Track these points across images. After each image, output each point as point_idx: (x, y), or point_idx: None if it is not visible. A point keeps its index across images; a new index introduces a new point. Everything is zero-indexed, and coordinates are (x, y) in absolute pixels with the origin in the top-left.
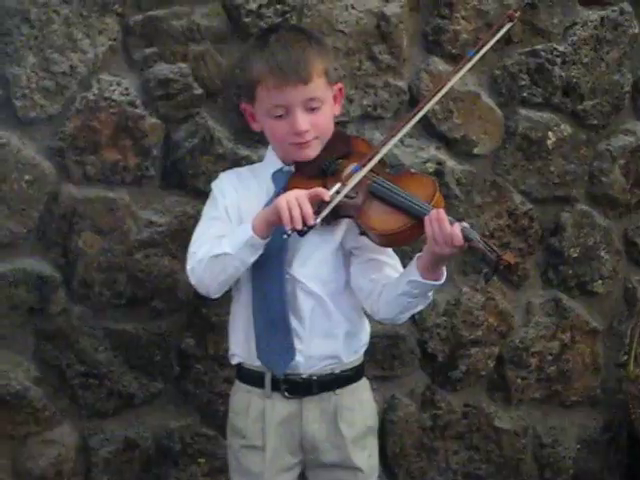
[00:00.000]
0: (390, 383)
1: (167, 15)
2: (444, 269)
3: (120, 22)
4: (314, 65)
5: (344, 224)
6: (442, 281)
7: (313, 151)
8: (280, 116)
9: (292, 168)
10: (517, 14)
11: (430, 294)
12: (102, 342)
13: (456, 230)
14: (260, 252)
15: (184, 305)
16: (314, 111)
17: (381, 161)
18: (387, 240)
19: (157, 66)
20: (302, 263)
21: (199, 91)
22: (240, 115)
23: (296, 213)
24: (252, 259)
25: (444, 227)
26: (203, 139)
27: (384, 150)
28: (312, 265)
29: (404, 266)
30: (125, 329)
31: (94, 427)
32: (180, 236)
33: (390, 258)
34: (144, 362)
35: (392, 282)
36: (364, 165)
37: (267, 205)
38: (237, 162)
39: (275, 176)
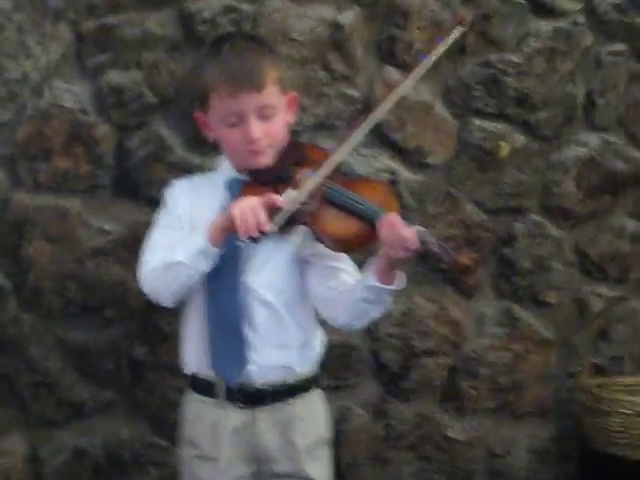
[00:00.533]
0: (343, 393)
1: (120, 22)
2: (403, 274)
3: (73, 29)
4: (268, 73)
5: (299, 232)
6: (400, 286)
7: (267, 159)
8: (233, 124)
9: (246, 177)
10: (468, 18)
11: (389, 299)
12: (52, 351)
13: (411, 232)
14: (214, 261)
15: (135, 313)
16: (267, 119)
17: (336, 169)
18: (342, 245)
19: (110, 74)
20: (257, 271)
21: (152, 99)
22: (193, 123)
23: (250, 220)
24: (206, 268)
25: (398, 230)
26: (156, 147)
27: (338, 156)
28: (267, 273)
29: None
30: (76, 338)
31: (44, 437)
32: (132, 244)
33: (347, 265)
34: (95, 371)
35: (349, 288)
36: (318, 171)
37: (220, 212)
38: (190, 170)
39: (229, 184)
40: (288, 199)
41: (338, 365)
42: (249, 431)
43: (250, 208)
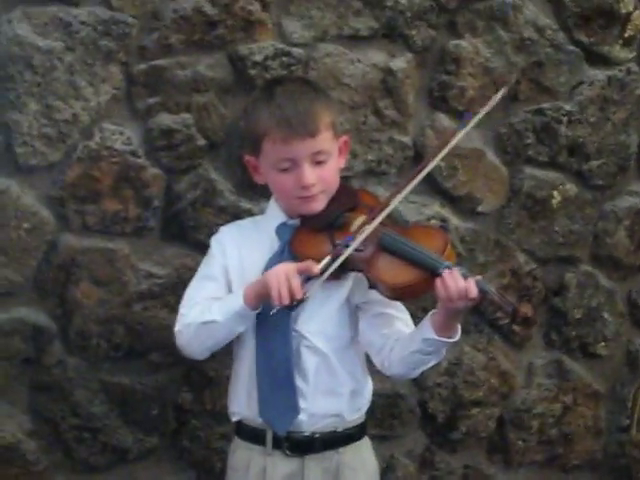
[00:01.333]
0: (389, 443)
1: (171, 65)
2: (458, 326)
3: (124, 71)
4: (321, 118)
5: (350, 279)
6: (457, 338)
7: (319, 205)
8: (286, 169)
9: (297, 222)
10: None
11: (444, 350)
12: (97, 395)
13: (470, 283)
14: (251, 322)
15: (182, 359)
16: (320, 164)
17: (388, 216)
18: (398, 293)
19: (160, 116)
20: (308, 318)
21: (202, 142)
22: (243, 167)
23: (283, 290)
24: (241, 328)
25: (458, 283)
26: (205, 191)
27: (392, 204)
28: (318, 321)
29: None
30: (121, 382)
31: None
32: (179, 289)
33: (400, 312)
34: (140, 416)
35: (404, 338)
36: (371, 219)
37: (272, 260)
38: (239, 215)
39: (279, 230)
40: (324, 264)
41: (385, 414)
42: (298, 479)
43: (285, 276)
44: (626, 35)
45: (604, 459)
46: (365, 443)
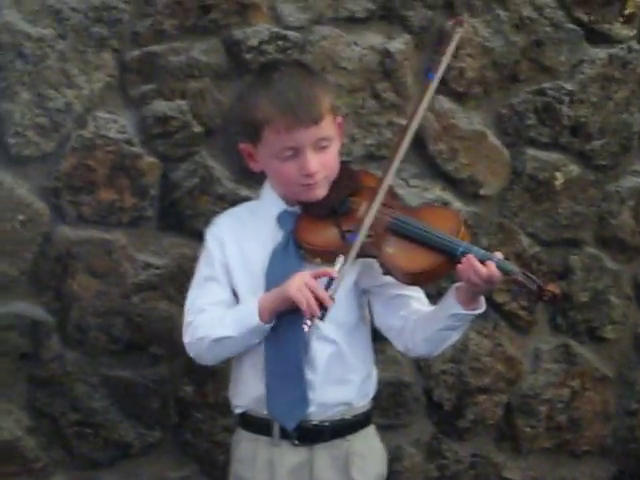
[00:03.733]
0: (395, 432)
1: (165, 51)
2: (482, 298)
3: (117, 58)
4: (323, 103)
5: (358, 263)
6: (484, 309)
7: (322, 191)
8: (288, 157)
9: (298, 209)
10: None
11: (468, 324)
12: (97, 389)
13: (492, 269)
14: (266, 334)
15: (183, 351)
16: (323, 150)
17: (398, 199)
18: (416, 279)
19: (155, 103)
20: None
21: (198, 129)
22: (241, 154)
23: (312, 302)
24: (257, 341)
25: (479, 272)
26: (202, 179)
27: (384, 185)
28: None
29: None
30: (121, 376)
31: (89, 478)
32: (178, 279)
33: (415, 292)
34: (141, 410)
35: (426, 317)
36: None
37: (277, 252)
38: (238, 203)
39: (281, 218)
40: (340, 266)
41: (390, 403)
42: (307, 469)
43: (307, 287)
44: (626, 12)
45: (614, 444)
46: (372, 430)
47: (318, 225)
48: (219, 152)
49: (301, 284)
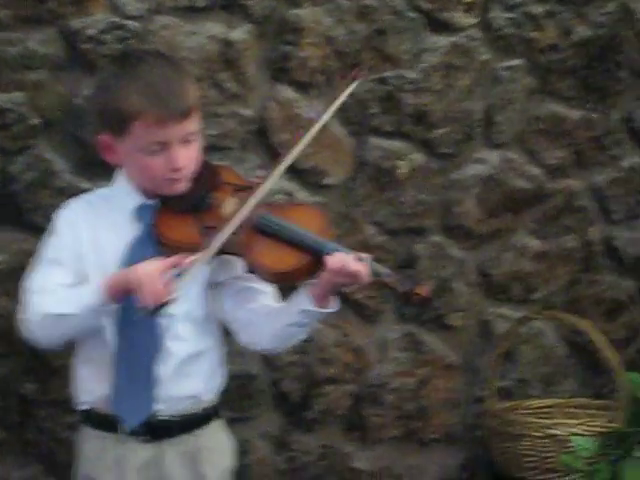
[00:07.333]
0: (243, 425)
1: (1, 41)
2: (336, 297)
3: None
4: (192, 97)
5: (215, 259)
6: (336, 308)
7: (183, 185)
8: (155, 151)
9: (156, 202)
10: (362, 73)
11: (317, 322)
12: None
13: (363, 267)
14: (110, 313)
15: (23, 348)
16: (189, 144)
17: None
18: (281, 278)
19: None
20: (176, 303)
21: (36, 121)
22: (81, 146)
23: (148, 294)
24: (100, 321)
25: (349, 268)
26: (41, 172)
27: (265, 187)
28: (184, 306)
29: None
30: None
31: None
32: (17, 275)
33: (264, 286)
34: None
35: (276, 312)
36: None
37: (136, 245)
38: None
39: (139, 211)
40: (194, 258)
41: (236, 396)
42: (157, 466)
43: (151, 278)
44: (467, 0)
45: (462, 432)
46: (220, 424)
47: (178, 220)
48: (58, 145)
49: (147, 273)
